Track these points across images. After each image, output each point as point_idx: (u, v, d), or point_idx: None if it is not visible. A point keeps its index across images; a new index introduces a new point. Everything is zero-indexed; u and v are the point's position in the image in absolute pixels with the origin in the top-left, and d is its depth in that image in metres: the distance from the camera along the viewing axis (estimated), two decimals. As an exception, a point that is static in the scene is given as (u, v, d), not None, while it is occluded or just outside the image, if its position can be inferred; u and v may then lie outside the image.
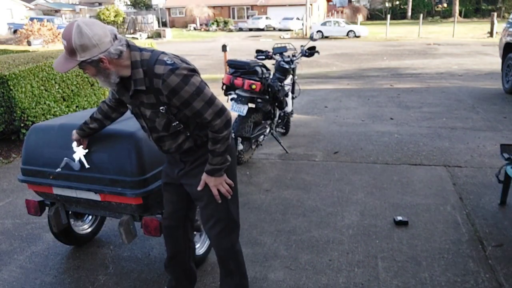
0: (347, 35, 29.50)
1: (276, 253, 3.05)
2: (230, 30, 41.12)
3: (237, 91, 4.66)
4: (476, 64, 12.68)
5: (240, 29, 41.79)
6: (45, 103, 5.94)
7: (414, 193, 3.98)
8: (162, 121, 1.94)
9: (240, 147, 4.63)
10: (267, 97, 4.77)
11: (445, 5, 49.63)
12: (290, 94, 5.61)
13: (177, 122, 1.95)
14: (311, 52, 5.67)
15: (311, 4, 39.07)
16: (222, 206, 2.10)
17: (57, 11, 41.00)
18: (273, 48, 5.58)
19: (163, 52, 1.88)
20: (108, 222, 3.49)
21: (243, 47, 21.86)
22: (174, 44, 25.69)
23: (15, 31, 23.22)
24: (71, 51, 1.69)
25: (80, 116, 2.85)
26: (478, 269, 2.77)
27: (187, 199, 2.23)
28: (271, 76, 4.97)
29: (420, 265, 2.84)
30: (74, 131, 2.36)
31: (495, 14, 23.15)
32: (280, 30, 39.00)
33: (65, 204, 2.78)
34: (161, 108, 1.88)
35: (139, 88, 1.84)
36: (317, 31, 28.79)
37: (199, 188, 2.05)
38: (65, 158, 2.42)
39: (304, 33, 31.73)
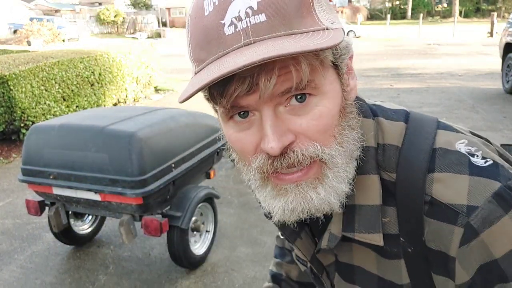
0: (347, 35, 29.43)
1: (276, 253, 3.05)
2: (230, 30, 41.02)
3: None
4: (476, 64, 12.67)
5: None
6: (45, 103, 5.94)
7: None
8: None
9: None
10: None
11: (445, 5, 49.66)
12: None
13: None
14: None
15: (311, 4, 38.96)
16: None
17: (57, 11, 41.02)
18: None
19: (445, 126, 0.65)
20: (108, 222, 3.49)
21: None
22: (175, 44, 25.70)
23: (15, 31, 23.24)
24: (299, 1, 0.52)
25: (80, 116, 2.85)
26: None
27: None
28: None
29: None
30: None
31: (495, 14, 23.15)
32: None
33: (65, 204, 2.78)
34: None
35: (361, 236, 0.63)
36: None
37: None
38: None
39: (304, 33, 31.64)
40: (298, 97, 0.52)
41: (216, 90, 0.52)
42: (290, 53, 0.46)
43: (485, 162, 0.56)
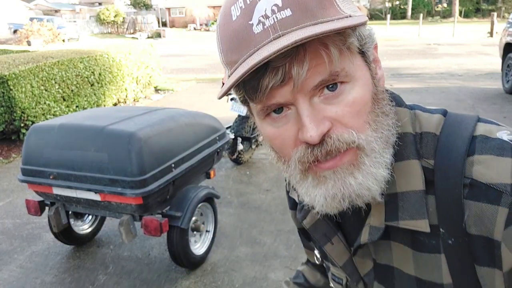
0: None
1: (276, 252, 3.05)
2: (230, 30, 41.05)
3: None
4: (476, 64, 12.67)
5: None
6: (45, 103, 5.94)
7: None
8: None
9: (240, 147, 4.64)
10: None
11: (445, 5, 49.65)
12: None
13: None
14: None
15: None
16: None
17: (57, 11, 41.01)
18: None
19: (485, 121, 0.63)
20: (108, 222, 3.49)
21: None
22: (174, 44, 25.69)
23: (15, 31, 23.23)
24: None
25: (80, 116, 2.85)
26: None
27: None
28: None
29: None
30: None
31: (495, 14, 23.14)
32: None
33: (65, 204, 2.78)
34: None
35: (406, 223, 0.60)
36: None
37: None
38: None
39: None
40: (330, 86, 0.53)
41: (251, 86, 0.53)
42: (320, 32, 0.47)
43: None
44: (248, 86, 0.54)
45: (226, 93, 0.54)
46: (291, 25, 0.50)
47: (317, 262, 0.86)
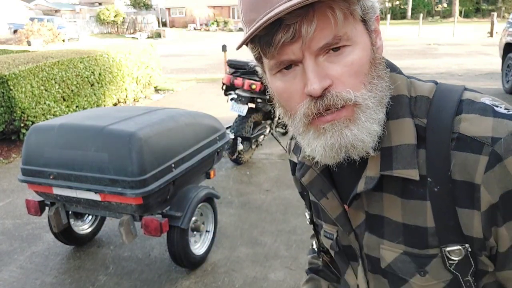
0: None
1: (277, 253, 3.05)
2: (230, 30, 41.15)
3: (237, 91, 4.66)
4: (476, 64, 12.67)
5: (240, 29, 41.80)
6: (45, 103, 5.94)
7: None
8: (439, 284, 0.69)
9: (240, 147, 4.64)
10: (267, 97, 4.77)
11: (445, 5, 49.65)
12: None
13: None
14: None
15: (311, 4, 38.93)
16: None
17: (57, 11, 40.99)
18: None
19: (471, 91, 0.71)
20: (108, 222, 3.49)
21: (243, 47, 21.82)
22: (175, 44, 25.69)
23: (15, 31, 23.23)
24: None
25: (80, 116, 2.85)
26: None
27: None
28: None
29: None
30: None
31: (495, 14, 23.14)
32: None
33: (65, 204, 2.78)
34: (462, 247, 0.65)
35: (399, 172, 0.66)
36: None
37: None
38: None
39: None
40: (333, 49, 0.60)
41: (265, 41, 0.60)
42: None
43: (508, 112, 0.63)
44: (263, 41, 0.60)
45: (245, 43, 0.61)
46: None
47: (307, 222, 0.93)
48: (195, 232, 2.95)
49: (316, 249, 0.98)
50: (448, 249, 0.65)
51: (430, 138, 0.64)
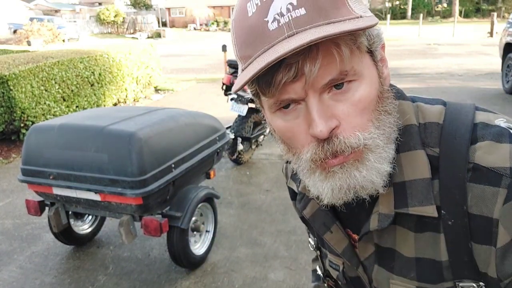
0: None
1: (276, 253, 3.05)
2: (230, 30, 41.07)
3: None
4: (476, 64, 12.67)
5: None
6: (45, 103, 5.93)
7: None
8: None
9: (240, 147, 4.63)
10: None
11: (445, 5, 49.64)
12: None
13: None
14: None
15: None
16: None
17: (57, 11, 40.99)
18: None
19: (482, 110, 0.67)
20: (108, 222, 3.48)
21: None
22: (175, 44, 25.69)
23: (15, 31, 23.22)
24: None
25: (80, 116, 2.85)
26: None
27: None
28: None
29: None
30: None
31: (495, 14, 23.13)
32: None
33: (65, 204, 2.78)
34: (477, 284, 0.62)
35: (416, 209, 0.62)
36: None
37: None
38: None
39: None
40: (338, 85, 0.56)
41: (265, 81, 0.55)
42: (334, 33, 0.50)
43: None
44: (262, 81, 0.56)
45: (243, 87, 0.55)
46: (305, 24, 0.52)
47: (311, 248, 0.90)
48: (195, 232, 2.95)
49: (321, 274, 0.92)
50: (461, 284, 0.61)
51: (444, 168, 0.60)
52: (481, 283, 0.60)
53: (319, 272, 0.92)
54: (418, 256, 0.64)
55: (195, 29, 41.72)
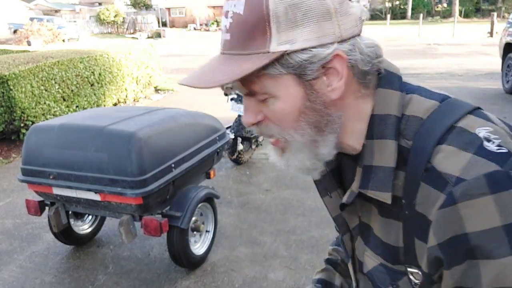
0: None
1: (276, 253, 3.06)
2: (230, 30, 41.01)
3: (237, 91, 4.66)
4: (476, 64, 12.66)
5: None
6: (45, 103, 5.94)
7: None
8: None
9: (240, 147, 4.64)
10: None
11: (445, 5, 49.63)
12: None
13: None
14: None
15: (311, 4, 38.89)
16: None
17: (57, 11, 40.97)
18: None
19: (477, 110, 0.67)
20: (108, 222, 3.49)
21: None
22: (174, 44, 25.69)
23: (15, 31, 23.21)
24: (255, 25, 0.60)
25: (80, 116, 2.86)
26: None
27: None
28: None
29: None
30: None
31: (495, 14, 23.12)
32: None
33: (65, 204, 2.78)
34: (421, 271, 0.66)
35: (373, 193, 0.67)
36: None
37: None
38: None
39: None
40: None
41: None
42: (222, 83, 0.61)
43: (498, 149, 0.57)
44: None
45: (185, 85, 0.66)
46: (227, 49, 0.63)
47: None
48: (195, 232, 2.95)
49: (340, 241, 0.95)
50: (410, 270, 0.67)
51: (410, 162, 0.63)
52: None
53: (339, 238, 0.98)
54: (382, 239, 0.70)
55: (195, 29, 41.70)
